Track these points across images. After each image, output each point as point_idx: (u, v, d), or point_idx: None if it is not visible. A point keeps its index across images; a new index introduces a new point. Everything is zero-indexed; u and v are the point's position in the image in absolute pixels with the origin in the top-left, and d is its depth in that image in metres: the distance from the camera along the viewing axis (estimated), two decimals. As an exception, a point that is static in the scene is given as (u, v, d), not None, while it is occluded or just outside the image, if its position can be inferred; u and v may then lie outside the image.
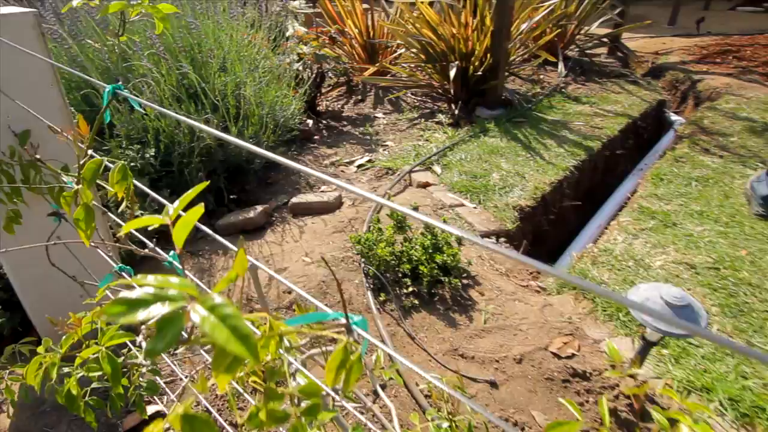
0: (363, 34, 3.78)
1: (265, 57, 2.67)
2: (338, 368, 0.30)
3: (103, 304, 0.72)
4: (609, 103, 3.37)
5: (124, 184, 0.46)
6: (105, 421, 1.28)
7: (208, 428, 0.25)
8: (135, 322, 0.20)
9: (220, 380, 0.26)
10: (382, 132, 2.97)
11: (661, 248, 1.66)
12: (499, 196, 2.11)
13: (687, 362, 1.21)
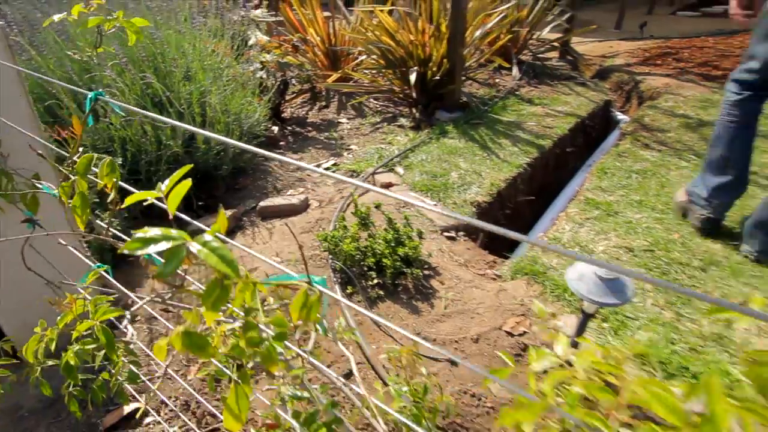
0: (325, 41, 3.87)
1: (229, 65, 2.72)
2: (301, 308, 0.39)
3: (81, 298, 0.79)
4: (559, 104, 3.58)
5: (113, 176, 0.54)
6: (85, 421, 1.32)
7: (202, 340, 0.34)
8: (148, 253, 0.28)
9: (208, 316, 0.35)
10: (347, 136, 3.07)
11: (603, 234, 1.82)
12: (457, 193, 2.24)
13: (624, 333, 1.36)
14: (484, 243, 2.01)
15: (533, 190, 2.58)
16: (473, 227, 2.04)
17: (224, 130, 2.30)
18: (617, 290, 1.04)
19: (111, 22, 0.78)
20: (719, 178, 1.69)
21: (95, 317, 0.57)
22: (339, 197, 2.22)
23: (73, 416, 1.39)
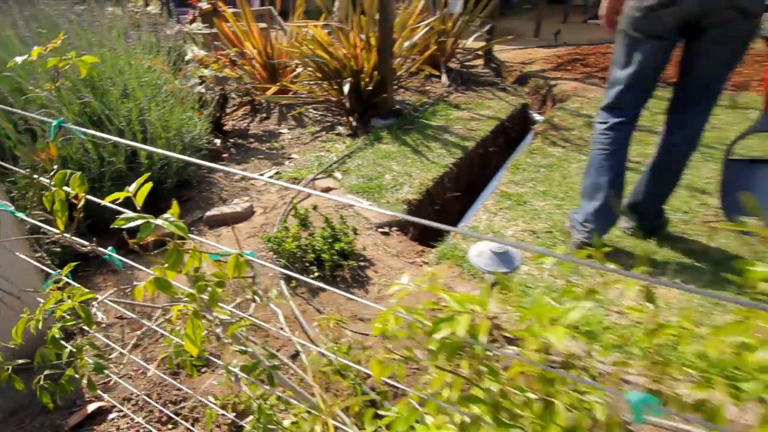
0: (262, 54, 4.01)
1: (167, 81, 2.81)
2: (233, 267, 0.59)
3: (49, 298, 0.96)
4: (483, 108, 3.93)
5: (83, 188, 0.70)
6: (50, 424, 1.42)
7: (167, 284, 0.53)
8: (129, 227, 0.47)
9: (168, 273, 0.54)
10: (288, 146, 3.24)
11: (513, 221, 2.12)
12: (390, 193, 2.48)
13: (524, 300, 1.63)
14: (415, 236, 2.25)
15: (460, 187, 2.87)
16: (406, 223, 2.28)
17: (165, 145, 2.41)
18: (507, 261, 1.31)
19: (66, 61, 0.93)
20: (593, 203, 1.79)
21: (74, 299, 0.73)
22: (282, 203, 2.39)
23: (37, 421, 1.48)
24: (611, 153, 1.71)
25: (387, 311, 0.57)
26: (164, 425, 1.36)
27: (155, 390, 1.45)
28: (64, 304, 0.73)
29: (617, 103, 1.71)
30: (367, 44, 3.41)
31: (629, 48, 1.63)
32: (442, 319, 0.52)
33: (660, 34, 1.55)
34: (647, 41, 1.57)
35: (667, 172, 1.79)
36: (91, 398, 1.50)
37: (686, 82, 1.67)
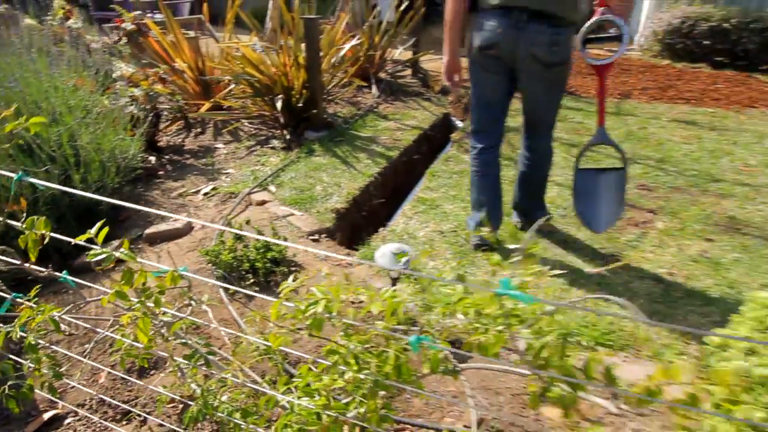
0: (194, 69, 4.12)
1: (96, 103, 2.89)
2: (170, 279, 0.83)
3: None
4: (409, 118, 4.28)
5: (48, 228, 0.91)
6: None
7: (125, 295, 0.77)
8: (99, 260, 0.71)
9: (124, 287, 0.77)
10: (223, 161, 3.40)
11: (425, 223, 2.45)
12: (321, 203, 2.74)
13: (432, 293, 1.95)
14: (342, 241, 2.53)
15: (385, 194, 3.18)
16: (334, 229, 2.55)
17: (99, 168, 2.53)
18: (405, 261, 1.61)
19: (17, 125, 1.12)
20: (479, 214, 2.12)
21: (46, 311, 0.94)
22: (219, 218, 2.58)
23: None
24: (484, 174, 2.06)
25: (276, 302, 0.84)
26: (119, 423, 1.54)
27: (108, 393, 1.63)
28: (38, 317, 0.94)
29: (479, 127, 2.05)
30: (296, 62, 3.65)
31: (476, 81, 1.97)
32: (311, 303, 0.80)
33: (495, 70, 1.88)
34: (488, 75, 1.91)
35: (531, 180, 2.17)
36: (46, 407, 1.65)
37: (525, 110, 2.04)
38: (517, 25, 1.69)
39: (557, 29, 1.70)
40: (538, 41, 1.69)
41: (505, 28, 1.71)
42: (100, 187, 2.45)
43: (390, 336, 0.83)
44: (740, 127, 4.06)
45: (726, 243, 2.28)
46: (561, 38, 1.72)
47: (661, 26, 6.56)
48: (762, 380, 0.99)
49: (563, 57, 1.77)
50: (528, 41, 1.69)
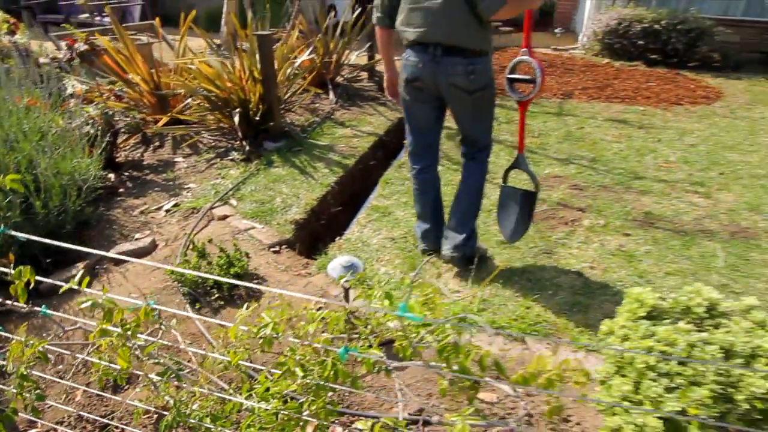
0: (149, 82, 4.15)
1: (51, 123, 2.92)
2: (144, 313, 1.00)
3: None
4: (364, 125, 4.46)
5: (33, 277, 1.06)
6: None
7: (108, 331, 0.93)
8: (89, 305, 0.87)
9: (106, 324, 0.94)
10: (184, 175, 3.49)
11: (378, 231, 2.66)
12: (281, 215, 2.90)
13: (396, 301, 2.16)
14: (302, 251, 2.70)
15: (343, 202, 3.36)
16: (294, 240, 2.72)
17: (60, 192, 2.59)
18: (354, 269, 1.82)
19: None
20: (422, 225, 2.33)
21: (36, 345, 1.09)
22: (182, 234, 2.70)
23: None
24: (423, 191, 2.26)
25: (232, 327, 1.02)
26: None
27: (85, 410, 1.76)
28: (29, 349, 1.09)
29: (415, 151, 2.24)
30: (251, 76, 3.76)
31: (407, 110, 2.15)
32: (262, 326, 0.98)
33: (423, 100, 2.07)
34: (417, 104, 2.09)
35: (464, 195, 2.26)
36: (26, 428, 1.76)
37: (459, 129, 2.21)
38: (434, 59, 1.87)
39: (471, 59, 1.87)
40: (454, 72, 1.87)
41: (425, 63, 1.90)
42: (62, 211, 2.52)
43: (328, 349, 1.02)
44: (665, 125, 4.46)
45: (640, 237, 2.59)
46: (476, 67, 1.88)
47: (600, 27, 6.99)
48: (630, 360, 1.25)
49: (482, 83, 1.94)
50: (445, 72, 1.88)
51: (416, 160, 2.26)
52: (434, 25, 1.85)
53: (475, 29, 1.85)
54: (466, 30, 1.84)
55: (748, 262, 2.38)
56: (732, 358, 1.20)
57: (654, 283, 2.22)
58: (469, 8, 1.80)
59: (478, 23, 1.84)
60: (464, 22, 1.83)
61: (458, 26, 1.83)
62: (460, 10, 1.82)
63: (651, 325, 1.30)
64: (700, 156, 3.72)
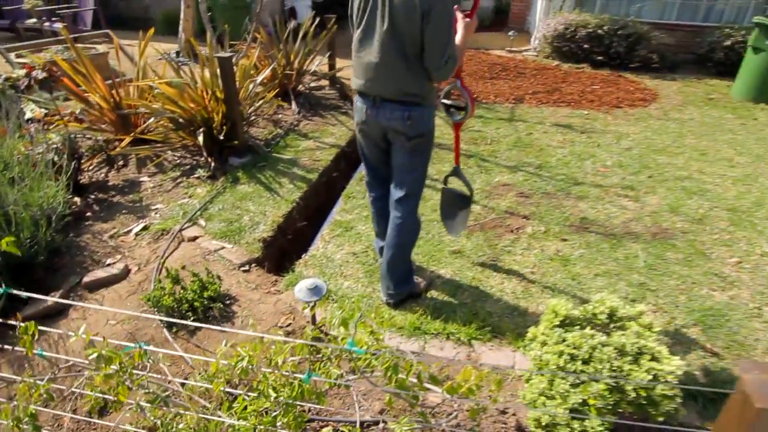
0: (109, 102, 4.19)
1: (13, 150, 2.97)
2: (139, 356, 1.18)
3: None
4: (327, 136, 4.64)
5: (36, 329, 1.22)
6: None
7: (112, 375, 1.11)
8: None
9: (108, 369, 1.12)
10: (151, 196, 3.59)
11: (341, 246, 2.87)
12: (249, 234, 3.06)
13: (347, 309, 2.38)
14: (271, 269, 2.89)
15: (308, 216, 3.55)
16: (262, 258, 2.90)
17: (31, 224, 2.67)
18: (318, 292, 2.03)
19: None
20: (379, 242, 2.53)
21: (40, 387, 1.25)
22: (155, 257, 2.84)
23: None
24: (380, 215, 2.46)
25: (214, 363, 1.22)
26: (88, 456, 1.84)
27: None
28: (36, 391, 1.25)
29: (369, 181, 2.43)
30: (214, 96, 3.88)
31: (360, 146, 2.34)
32: (238, 359, 1.19)
33: (372, 141, 2.25)
34: (368, 142, 2.27)
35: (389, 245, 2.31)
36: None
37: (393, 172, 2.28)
38: (374, 106, 2.05)
39: (409, 107, 1.99)
40: (393, 117, 2.02)
41: (369, 108, 2.07)
42: (34, 243, 2.61)
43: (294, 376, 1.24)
44: (605, 129, 4.84)
45: (576, 241, 2.91)
46: (414, 114, 1.99)
47: (549, 31, 7.37)
48: (546, 362, 1.52)
49: (421, 130, 2.06)
50: (386, 118, 2.04)
51: (371, 189, 2.46)
52: (373, 80, 2.00)
53: (413, 82, 1.95)
54: (404, 84, 1.96)
55: (665, 261, 2.73)
56: (624, 356, 1.48)
57: (584, 284, 2.53)
58: (407, 64, 1.92)
59: (417, 76, 1.94)
60: (402, 77, 1.94)
61: (396, 81, 1.96)
62: (398, 67, 1.92)
63: (563, 332, 1.57)
64: (633, 159, 4.10)
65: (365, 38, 1.98)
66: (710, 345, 2.17)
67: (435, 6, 1.76)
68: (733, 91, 6.12)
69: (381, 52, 1.92)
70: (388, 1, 1.82)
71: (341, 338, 1.32)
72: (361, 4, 1.95)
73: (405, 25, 1.82)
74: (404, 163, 2.17)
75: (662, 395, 1.42)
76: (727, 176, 3.84)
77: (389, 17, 1.83)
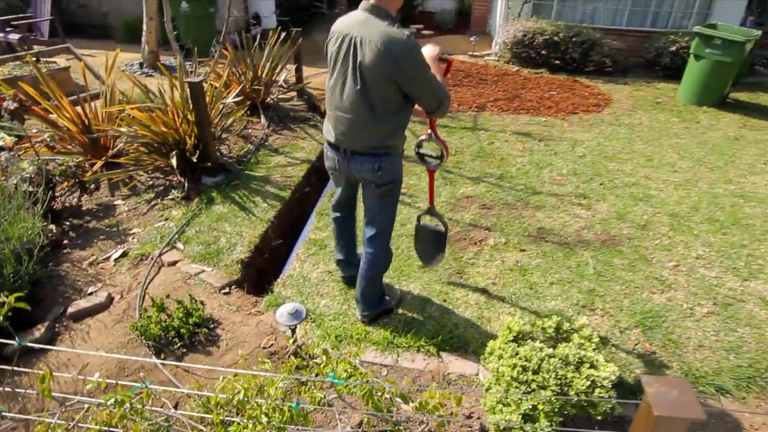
0: (78, 124, 4.20)
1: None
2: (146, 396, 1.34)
3: None
4: (297, 150, 4.78)
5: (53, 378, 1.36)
6: None
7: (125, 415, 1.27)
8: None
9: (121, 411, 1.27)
10: (126, 220, 3.65)
11: (316, 265, 3.05)
12: (227, 255, 3.19)
13: (325, 327, 2.56)
14: (251, 289, 3.03)
15: (283, 234, 3.70)
16: (241, 280, 3.04)
17: (14, 258, 2.72)
18: (298, 315, 2.20)
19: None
20: (337, 255, 2.75)
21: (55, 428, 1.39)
22: (136, 284, 2.94)
23: None
24: (339, 233, 2.65)
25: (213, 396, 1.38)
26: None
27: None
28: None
29: (335, 204, 2.59)
30: (185, 119, 3.96)
31: (330, 177, 2.52)
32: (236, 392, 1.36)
33: (341, 182, 2.43)
34: (337, 182, 2.46)
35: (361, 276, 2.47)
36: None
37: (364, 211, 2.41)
38: (345, 158, 2.19)
39: (379, 158, 2.11)
40: (363, 168, 2.16)
41: (340, 159, 2.22)
42: (17, 278, 2.67)
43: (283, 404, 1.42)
44: (562, 136, 5.16)
45: (533, 251, 3.17)
46: (384, 165, 2.12)
47: (509, 38, 7.68)
48: (502, 373, 1.75)
49: (389, 178, 2.18)
50: (356, 169, 2.18)
51: (335, 209, 2.62)
52: (345, 134, 2.13)
53: (383, 136, 2.07)
54: (375, 138, 2.09)
55: (612, 268, 3.02)
56: (568, 365, 1.73)
57: (540, 293, 2.79)
58: (377, 120, 2.01)
59: (387, 130, 2.06)
60: (372, 133, 2.06)
61: (366, 136, 2.09)
62: (369, 123, 2.03)
63: (517, 346, 1.81)
64: (586, 167, 4.42)
65: (337, 91, 2.08)
66: (649, 344, 2.46)
67: (406, 72, 1.88)
68: (679, 95, 6.58)
69: (352, 110, 2.03)
70: (359, 64, 1.92)
71: (323, 365, 1.51)
72: (333, 57, 2.05)
73: (375, 87, 1.94)
74: (375, 205, 2.31)
75: (599, 397, 1.67)
76: (669, 181, 4.20)
77: (360, 79, 1.94)
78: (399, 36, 1.87)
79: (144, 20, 6.76)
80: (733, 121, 5.87)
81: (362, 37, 1.90)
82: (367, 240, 2.41)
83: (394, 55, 1.86)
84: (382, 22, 1.90)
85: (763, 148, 5.05)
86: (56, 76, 5.70)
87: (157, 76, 7.00)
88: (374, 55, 1.87)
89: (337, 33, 2.02)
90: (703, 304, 2.75)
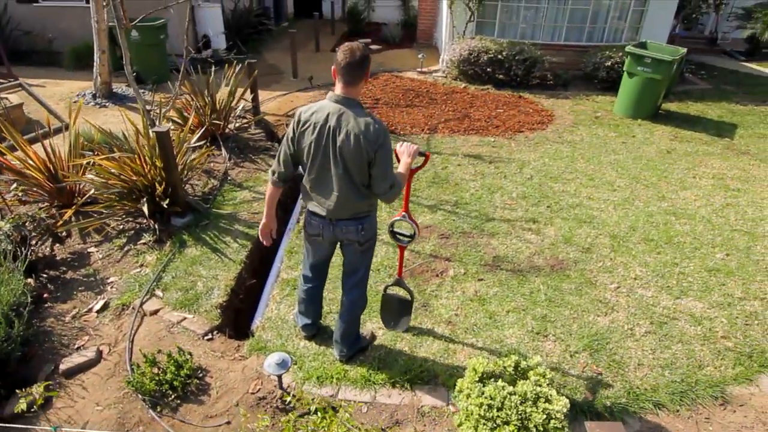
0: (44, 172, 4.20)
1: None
2: None
3: None
4: (261, 184, 4.94)
5: None
6: None
7: None
8: None
9: None
10: (102, 268, 3.74)
11: (292, 306, 3.29)
12: (205, 300, 3.37)
13: (306, 368, 2.82)
14: (232, 333, 3.24)
15: (255, 273, 3.90)
16: (221, 325, 3.24)
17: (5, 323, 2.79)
18: (284, 365, 2.46)
19: None
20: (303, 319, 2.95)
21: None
22: (122, 335, 3.08)
23: None
24: (308, 301, 2.88)
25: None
26: None
27: None
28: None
29: (307, 275, 2.81)
30: (153, 165, 4.07)
31: (306, 245, 2.73)
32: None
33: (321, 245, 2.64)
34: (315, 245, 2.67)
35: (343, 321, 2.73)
36: None
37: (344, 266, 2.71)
38: (330, 225, 2.45)
39: (362, 221, 2.41)
40: (348, 231, 2.41)
41: (324, 226, 2.47)
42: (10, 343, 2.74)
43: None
44: (510, 157, 5.60)
45: (490, 280, 3.55)
46: (365, 225, 2.43)
47: (455, 56, 8.11)
48: (470, 411, 2.08)
49: (370, 235, 2.50)
50: (341, 233, 2.46)
51: (307, 280, 2.84)
52: (333, 209, 2.35)
53: (365, 204, 2.37)
54: (358, 207, 2.37)
55: (561, 293, 3.44)
56: (526, 401, 2.08)
57: (499, 321, 3.16)
58: (359, 193, 2.30)
59: (367, 199, 2.35)
60: (356, 204, 2.34)
61: (351, 206, 2.37)
62: (352, 197, 2.30)
63: (482, 386, 2.14)
64: (534, 189, 4.85)
65: (320, 179, 2.32)
66: (596, 366, 2.86)
67: (378, 152, 2.19)
68: (616, 108, 7.21)
69: (338, 190, 2.30)
70: (338, 150, 2.21)
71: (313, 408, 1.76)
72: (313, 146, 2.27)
73: (355, 167, 2.24)
74: (355, 260, 2.62)
75: (554, 428, 2.03)
76: (609, 201, 4.70)
77: (342, 163, 2.24)
78: (375, 123, 2.21)
79: (95, 53, 6.66)
80: (665, 133, 6.51)
81: (340, 127, 2.19)
82: (350, 288, 2.68)
83: (372, 140, 2.18)
84: (357, 112, 2.21)
85: (692, 161, 5.67)
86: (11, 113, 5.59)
87: (111, 106, 6.94)
88: (355, 142, 2.18)
89: (312, 123, 2.25)
90: (641, 324, 3.18)
